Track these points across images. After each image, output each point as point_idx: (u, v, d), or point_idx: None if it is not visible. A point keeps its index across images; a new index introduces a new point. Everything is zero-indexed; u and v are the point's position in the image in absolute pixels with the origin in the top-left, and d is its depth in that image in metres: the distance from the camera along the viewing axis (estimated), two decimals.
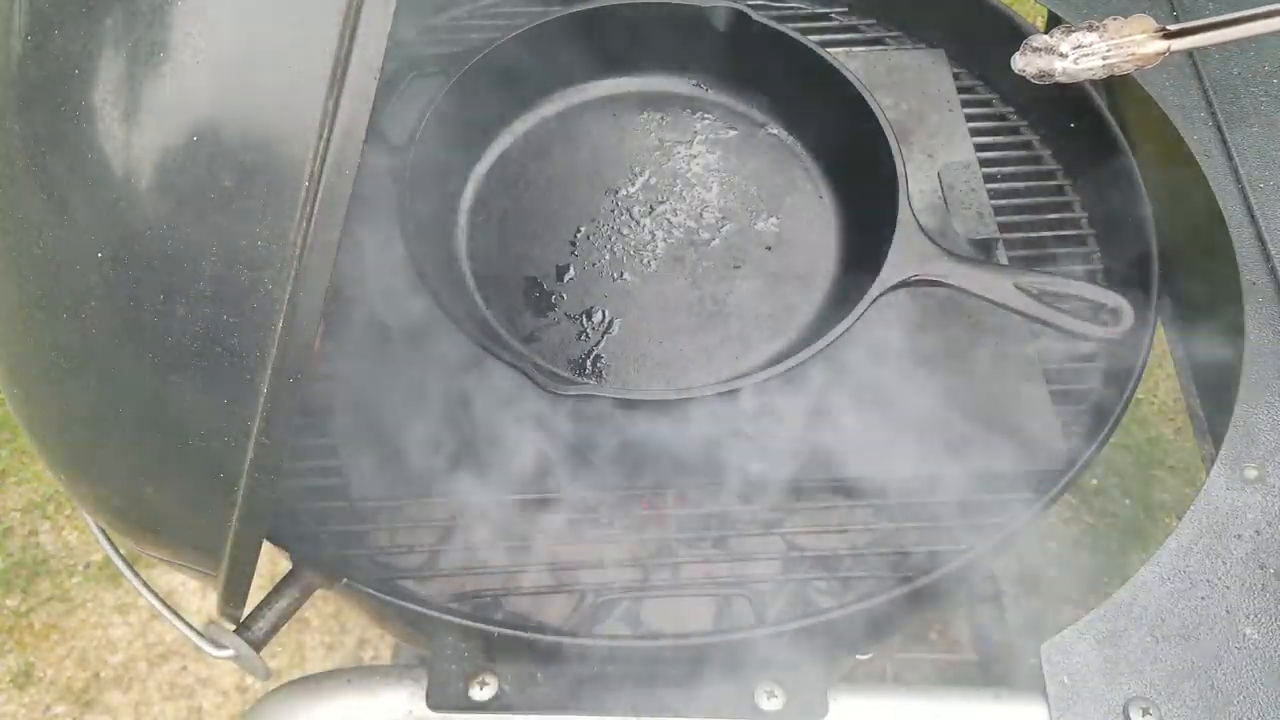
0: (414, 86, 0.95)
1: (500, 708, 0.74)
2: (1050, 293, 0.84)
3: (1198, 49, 0.83)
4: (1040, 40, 0.84)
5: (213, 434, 0.55)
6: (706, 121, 1.05)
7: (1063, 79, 0.83)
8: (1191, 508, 0.78)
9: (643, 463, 0.84)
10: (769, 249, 0.96)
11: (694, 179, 1.00)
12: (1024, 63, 0.84)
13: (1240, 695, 0.70)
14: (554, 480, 0.84)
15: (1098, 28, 0.82)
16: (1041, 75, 0.84)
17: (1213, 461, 0.80)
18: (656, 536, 0.85)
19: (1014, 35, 1.05)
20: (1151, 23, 0.81)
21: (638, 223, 0.97)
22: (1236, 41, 0.81)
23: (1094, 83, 1.04)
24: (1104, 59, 0.81)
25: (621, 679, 0.75)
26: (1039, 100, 1.05)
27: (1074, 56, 0.81)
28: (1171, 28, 0.81)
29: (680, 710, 0.73)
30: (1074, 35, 0.82)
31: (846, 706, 0.73)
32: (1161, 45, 0.80)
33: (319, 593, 0.80)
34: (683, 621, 0.87)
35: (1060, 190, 1.02)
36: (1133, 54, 0.81)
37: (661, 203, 0.99)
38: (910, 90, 1.07)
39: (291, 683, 0.79)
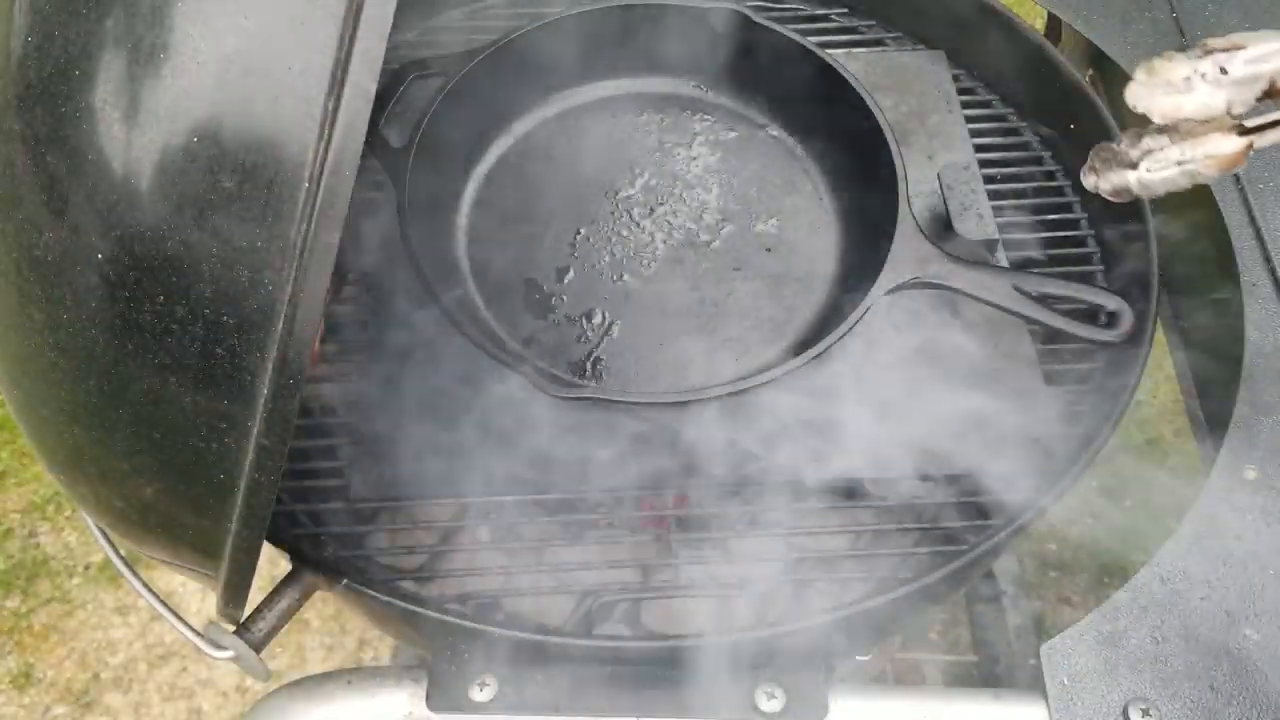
0: (414, 87, 0.95)
1: (500, 708, 0.74)
2: (1050, 295, 0.84)
3: None
4: (1105, 149, 0.74)
5: (213, 434, 0.55)
6: (706, 123, 1.05)
7: (1140, 193, 0.74)
8: (1191, 508, 0.78)
9: (643, 464, 0.84)
10: (769, 251, 0.96)
11: (694, 180, 1.00)
12: (1094, 179, 0.75)
13: (1240, 696, 0.70)
14: (554, 481, 0.84)
15: (1168, 129, 0.72)
16: (1118, 192, 0.74)
17: (1213, 462, 0.80)
18: (656, 537, 0.85)
19: (1013, 36, 1.05)
20: (1226, 119, 0.71)
21: (637, 224, 0.97)
22: None
23: (1094, 83, 1.04)
24: (1179, 164, 0.71)
25: (621, 680, 0.75)
26: (1039, 101, 1.05)
27: (1146, 164, 0.72)
28: (1249, 124, 0.71)
29: (680, 710, 0.73)
30: (1144, 141, 0.73)
31: (846, 706, 0.73)
32: (1242, 141, 0.70)
33: (319, 594, 0.80)
34: (683, 622, 0.87)
35: (1060, 191, 1.02)
36: (1210, 155, 0.71)
37: (661, 204, 0.99)
38: (910, 91, 1.07)
39: (291, 684, 0.79)
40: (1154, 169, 0.72)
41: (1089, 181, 0.75)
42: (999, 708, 0.73)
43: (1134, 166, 0.72)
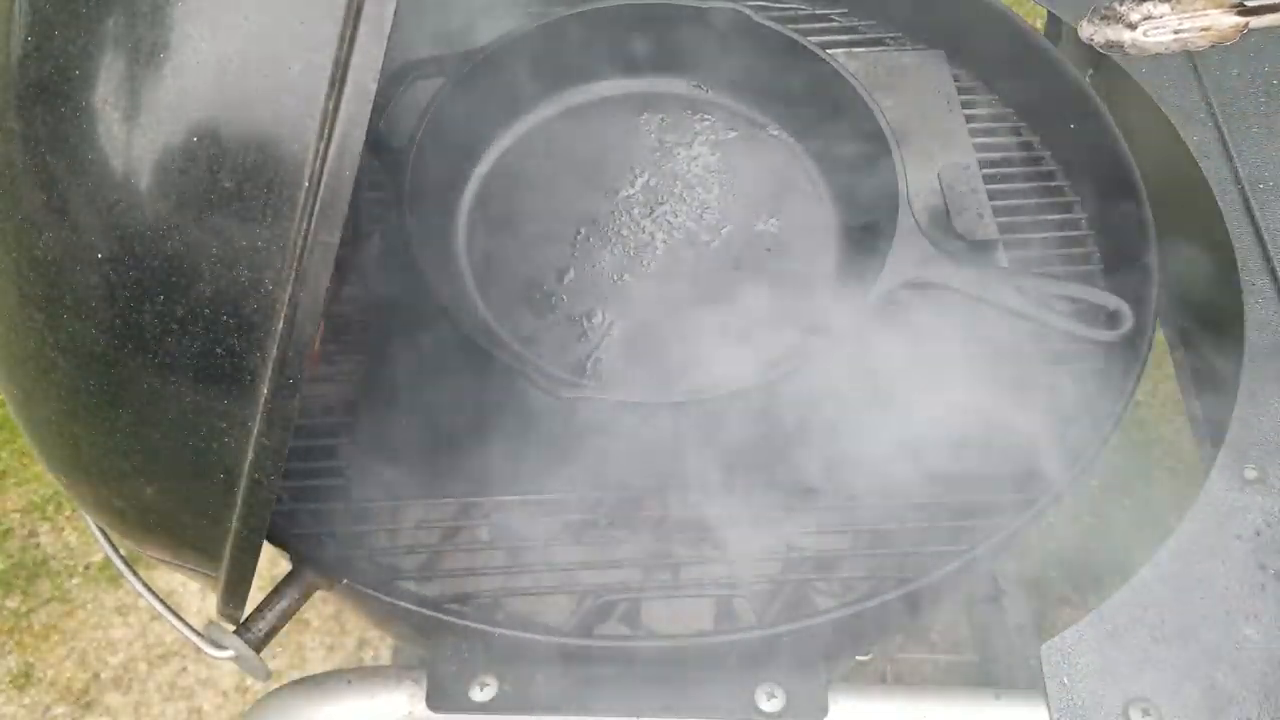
0: (414, 88, 0.96)
1: (500, 708, 0.74)
2: (1050, 295, 0.84)
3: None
4: (1108, 8, 0.79)
5: (213, 434, 0.55)
6: (707, 122, 1.05)
7: (1132, 51, 0.78)
8: (1191, 508, 0.78)
9: (643, 464, 0.84)
10: (769, 250, 0.96)
11: (694, 180, 1.00)
12: (1091, 30, 0.79)
13: (1240, 695, 0.70)
14: (554, 481, 0.84)
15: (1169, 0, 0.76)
16: (1110, 45, 0.78)
17: (1213, 461, 0.80)
18: (656, 537, 0.85)
19: (1014, 36, 1.05)
20: None
21: (638, 224, 0.97)
22: None
23: (1094, 83, 1.04)
24: (1175, 33, 0.76)
25: (621, 680, 0.75)
26: (1039, 101, 1.05)
27: (1144, 28, 0.77)
28: (1249, 2, 0.75)
29: (680, 710, 0.73)
30: (1145, 5, 0.77)
31: (846, 706, 0.73)
32: (1238, 20, 0.75)
33: (319, 593, 0.80)
34: (682, 622, 0.87)
35: (1060, 191, 1.02)
36: (1206, 28, 0.75)
37: (661, 204, 0.99)
38: (910, 91, 1.06)
39: (291, 684, 0.79)
40: (1151, 34, 0.77)
41: (1085, 31, 0.79)
42: (999, 708, 0.73)
43: (1133, 28, 0.78)
